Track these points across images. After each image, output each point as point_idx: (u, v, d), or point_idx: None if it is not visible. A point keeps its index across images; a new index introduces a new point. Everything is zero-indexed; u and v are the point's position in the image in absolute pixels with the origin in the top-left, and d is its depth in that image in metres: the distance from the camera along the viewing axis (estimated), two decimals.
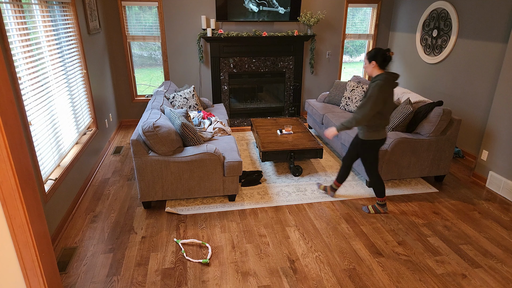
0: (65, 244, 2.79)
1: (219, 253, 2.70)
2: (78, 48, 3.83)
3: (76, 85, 3.70)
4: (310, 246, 2.78)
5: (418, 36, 5.24)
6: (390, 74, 2.73)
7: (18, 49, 2.51)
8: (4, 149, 1.43)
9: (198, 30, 5.36)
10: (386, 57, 2.73)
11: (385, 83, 2.70)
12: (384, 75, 2.73)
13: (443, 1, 4.67)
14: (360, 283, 2.42)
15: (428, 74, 5.10)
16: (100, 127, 4.43)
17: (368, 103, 2.72)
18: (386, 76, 2.72)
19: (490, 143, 3.75)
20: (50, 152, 2.94)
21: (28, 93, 2.61)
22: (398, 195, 3.58)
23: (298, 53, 5.68)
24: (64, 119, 3.33)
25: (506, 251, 2.76)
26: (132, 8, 5.17)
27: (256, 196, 3.51)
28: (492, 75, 4.02)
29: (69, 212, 3.13)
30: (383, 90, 2.69)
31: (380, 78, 2.72)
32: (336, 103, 4.99)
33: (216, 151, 3.19)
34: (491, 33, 4.00)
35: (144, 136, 3.01)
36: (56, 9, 3.34)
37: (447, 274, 2.51)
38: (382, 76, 2.72)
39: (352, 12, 5.87)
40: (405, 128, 3.74)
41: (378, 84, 2.69)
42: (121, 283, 2.40)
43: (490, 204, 3.43)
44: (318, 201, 3.43)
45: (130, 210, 3.28)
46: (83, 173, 3.61)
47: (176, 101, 4.45)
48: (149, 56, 5.77)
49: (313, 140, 4.05)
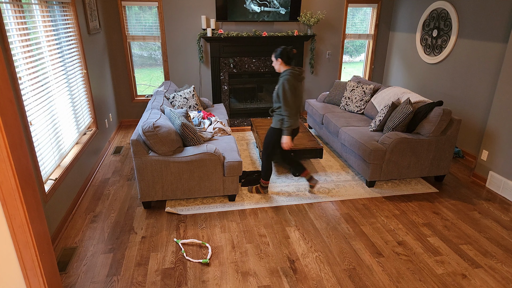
0: (65, 244, 2.79)
1: (219, 253, 2.70)
2: (78, 48, 3.83)
3: (76, 85, 3.70)
4: (310, 246, 2.78)
5: (418, 36, 5.24)
6: (295, 69, 3.07)
7: (18, 49, 2.51)
8: (4, 149, 1.43)
9: (198, 30, 5.36)
10: (290, 55, 3.06)
11: (291, 77, 3.02)
12: (290, 70, 3.05)
13: (443, 1, 4.67)
14: (360, 283, 2.42)
15: (428, 74, 5.10)
16: (100, 127, 4.43)
17: (285, 99, 3.02)
18: (292, 71, 3.04)
19: (490, 143, 3.75)
20: (50, 152, 2.94)
21: (28, 93, 2.61)
22: (398, 195, 3.58)
23: (298, 53, 5.68)
24: (64, 119, 3.33)
25: (506, 251, 2.76)
26: (132, 8, 5.17)
27: (256, 196, 3.51)
28: (492, 75, 4.02)
29: (69, 212, 3.13)
30: (291, 83, 3.00)
31: (287, 73, 3.04)
32: (336, 103, 4.99)
33: (216, 151, 3.19)
34: (491, 33, 4.00)
35: (144, 136, 3.01)
36: (56, 9, 3.34)
37: (447, 274, 2.51)
38: (288, 71, 3.04)
39: (352, 12, 5.87)
40: (405, 128, 3.74)
41: (286, 79, 3.01)
42: (121, 283, 2.40)
43: (490, 204, 3.43)
44: (318, 201, 3.43)
45: (130, 210, 3.28)
46: (83, 173, 3.61)
47: (176, 101, 4.45)
48: (149, 56, 5.77)
49: (313, 140, 4.05)
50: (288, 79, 3.00)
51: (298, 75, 3.07)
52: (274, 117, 3.23)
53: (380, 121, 3.86)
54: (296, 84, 3.04)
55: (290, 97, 3.00)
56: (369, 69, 6.25)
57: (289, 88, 2.99)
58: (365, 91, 4.66)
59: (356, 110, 4.69)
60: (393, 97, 4.18)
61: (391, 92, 4.29)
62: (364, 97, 4.65)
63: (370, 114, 4.49)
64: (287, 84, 2.99)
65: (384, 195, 3.56)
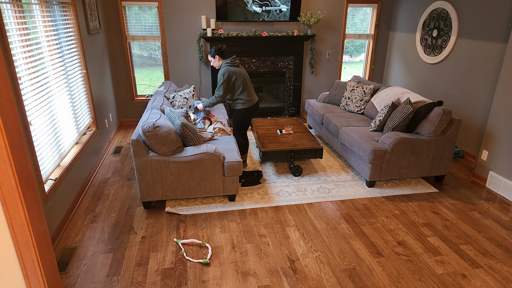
0: (65, 244, 2.79)
1: (219, 253, 2.70)
2: (78, 48, 3.83)
3: (76, 85, 3.70)
4: (310, 246, 2.78)
5: (418, 36, 5.24)
6: (230, 60, 3.63)
7: (18, 49, 2.51)
8: (4, 149, 1.43)
9: (198, 30, 5.36)
10: (222, 50, 3.66)
11: (229, 67, 3.59)
12: (226, 61, 3.62)
13: (443, 1, 4.67)
14: (360, 283, 2.42)
15: (428, 74, 5.10)
16: (100, 127, 4.43)
17: (221, 88, 3.60)
18: (227, 62, 3.62)
19: (490, 143, 3.75)
20: (50, 152, 2.94)
21: (28, 93, 2.61)
22: (398, 195, 3.58)
23: (298, 53, 5.68)
24: (64, 119, 3.33)
25: (506, 251, 2.76)
26: (132, 8, 5.17)
27: (256, 196, 3.51)
28: (492, 75, 4.02)
29: (69, 212, 3.13)
30: (226, 73, 3.55)
31: (224, 65, 3.61)
32: (336, 103, 4.99)
33: (216, 151, 3.19)
34: (491, 33, 4.00)
35: (144, 136, 3.01)
36: (56, 9, 3.34)
37: (447, 274, 2.51)
38: (224, 63, 3.62)
39: (352, 12, 5.88)
40: (405, 128, 3.74)
41: (225, 70, 3.56)
42: (121, 283, 2.40)
43: (490, 204, 3.43)
44: (318, 201, 3.43)
45: (130, 210, 3.28)
46: (83, 173, 3.61)
47: (176, 101, 4.45)
48: (149, 56, 5.77)
49: (313, 140, 4.05)
50: (226, 69, 3.57)
51: (233, 63, 3.63)
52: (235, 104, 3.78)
53: (380, 121, 3.86)
54: (237, 71, 3.60)
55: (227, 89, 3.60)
56: (369, 69, 6.25)
57: (228, 79, 3.56)
58: (365, 91, 4.66)
59: (356, 110, 4.69)
60: (393, 97, 4.18)
61: (391, 92, 4.29)
62: (364, 97, 4.66)
63: (370, 114, 4.49)
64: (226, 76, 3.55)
65: (384, 195, 3.56)
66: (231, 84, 3.61)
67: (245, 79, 3.67)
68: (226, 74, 3.55)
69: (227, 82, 3.57)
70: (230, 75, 3.56)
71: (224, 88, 3.59)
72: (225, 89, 3.59)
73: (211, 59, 3.69)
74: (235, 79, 3.60)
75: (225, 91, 3.60)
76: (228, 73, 3.55)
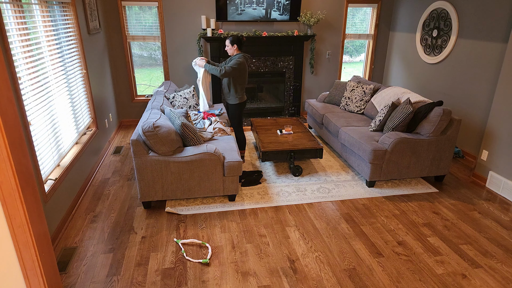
0: (65, 244, 2.79)
1: (219, 253, 2.70)
2: (78, 48, 3.83)
3: (76, 85, 3.70)
4: (310, 246, 2.78)
5: (418, 36, 5.24)
6: (245, 54, 3.83)
7: (18, 49, 2.51)
8: (4, 149, 1.43)
9: (198, 30, 5.36)
10: (242, 41, 3.80)
11: (243, 59, 3.76)
12: (242, 54, 3.79)
13: (443, 1, 4.67)
14: (360, 283, 2.42)
15: (428, 74, 5.10)
16: (100, 127, 4.43)
17: (230, 69, 3.68)
18: (243, 55, 3.79)
19: (490, 143, 3.75)
20: (50, 152, 2.94)
21: (28, 93, 2.61)
22: (398, 195, 3.58)
23: (298, 53, 5.68)
24: (64, 119, 3.33)
25: (506, 251, 2.76)
26: (132, 8, 5.17)
27: (256, 196, 3.51)
28: (492, 75, 4.02)
29: (69, 212, 3.13)
30: (241, 63, 3.72)
31: (240, 56, 3.76)
32: (336, 103, 4.99)
33: (216, 151, 3.19)
34: (491, 33, 4.00)
35: (144, 136, 3.01)
36: (56, 9, 3.34)
37: (447, 274, 2.51)
38: (240, 55, 3.77)
39: (352, 12, 5.87)
40: (405, 128, 3.74)
41: (240, 57, 3.74)
42: (121, 283, 2.40)
43: (490, 204, 3.43)
44: (318, 201, 3.43)
45: (130, 210, 3.28)
46: (83, 173, 3.61)
47: (176, 101, 4.45)
48: (149, 56, 5.77)
49: (313, 140, 4.05)
50: (240, 59, 3.73)
51: (248, 58, 3.84)
52: (229, 98, 3.90)
53: (380, 121, 3.86)
54: (245, 65, 3.79)
55: (234, 70, 3.68)
56: (369, 69, 6.25)
57: (239, 65, 3.69)
58: (365, 91, 4.66)
59: (356, 110, 4.69)
60: (393, 97, 4.18)
61: (391, 92, 4.29)
62: (364, 97, 4.66)
63: (370, 114, 4.49)
64: (239, 62, 3.69)
65: (384, 195, 3.56)
66: (239, 73, 3.74)
67: (246, 78, 3.89)
68: (242, 65, 3.72)
69: (238, 69, 3.71)
70: (244, 67, 3.75)
71: (233, 71, 3.68)
72: (233, 72, 3.69)
73: (229, 45, 3.79)
74: (243, 72, 3.79)
75: (231, 73, 3.69)
76: (243, 64, 3.74)
